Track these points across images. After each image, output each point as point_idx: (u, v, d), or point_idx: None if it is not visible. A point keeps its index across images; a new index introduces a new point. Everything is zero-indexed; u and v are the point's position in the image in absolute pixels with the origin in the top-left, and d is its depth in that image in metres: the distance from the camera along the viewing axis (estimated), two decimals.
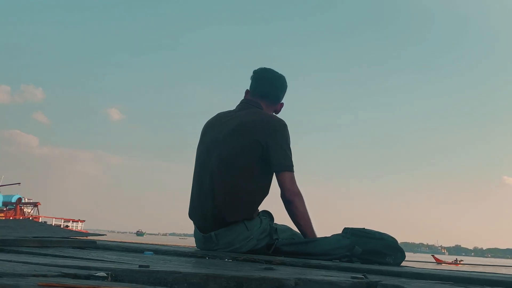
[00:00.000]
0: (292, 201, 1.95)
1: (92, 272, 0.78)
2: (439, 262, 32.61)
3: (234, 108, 2.13)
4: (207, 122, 2.13)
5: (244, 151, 1.92)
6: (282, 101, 2.19)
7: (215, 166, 1.94)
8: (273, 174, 1.98)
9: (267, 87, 2.15)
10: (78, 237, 2.03)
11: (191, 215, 2.04)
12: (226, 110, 2.14)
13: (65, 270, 0.78)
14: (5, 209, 34.02)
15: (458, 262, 33.85)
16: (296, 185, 1.96)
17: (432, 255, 41.50)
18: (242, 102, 2.14)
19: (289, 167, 1.96)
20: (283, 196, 1.95)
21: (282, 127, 1.99)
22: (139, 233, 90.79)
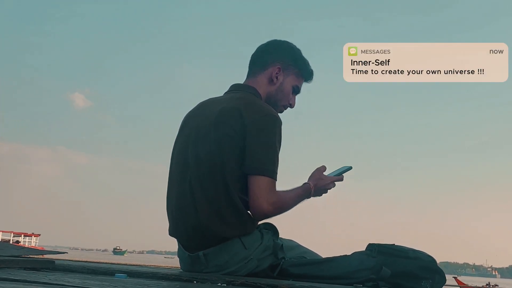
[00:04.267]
0: (268, 216, 1.89)
1: None
2: (462, 286, 32.00)
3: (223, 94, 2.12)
4: (188, 113, 2.10)
5: (223, 147, 1.86)
6: (277, 65, 2.10)
7: (193, 168, 1.91)
8: None
9: (254, 55, 2.16)
10: (31, 256, 2.03)
11: (172, 231, 2.01)
12: (214, 97, 2.11)
13: None
14: None
15: (492, 286, 33.09)
16: (276, 195, 1.87)
17: (454, 277, 39.19)
18: (231, 86, 2.13)
19: (268, 171, 1.85)
20: (255, 208, 1.86)
21: (268, 120, 1.89)
22: (117, 251, 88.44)
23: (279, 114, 2.06)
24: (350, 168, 2.11)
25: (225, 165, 1.86)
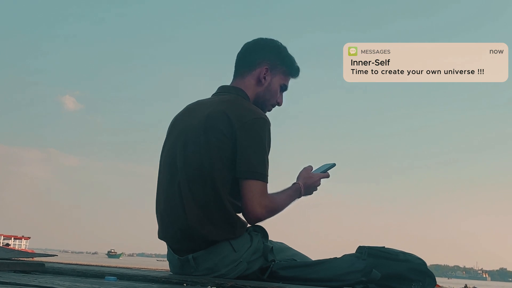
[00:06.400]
0: (261, 219, 1.91)
1: None
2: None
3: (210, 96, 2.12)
4: (175, 116, 2.10)
5: (212, 151, 1.87)
6: (265, 65, 2.09)
7: (182, 171, 1.91)
8: None
9: (240, 54, 2.15)
10: (21, 259, 2.02)
11: (161, 234, 2.00)
12: (202, 99, 2.11)
13: None
14: None
15: None
16: (268, 199, 1.88)
17: None
18: (218, 88, 2.13)
19: (260, 175, 1.87)
20: (248, 212, 1.88)
21: (258, 123, 1.90)
22: (112, 254, 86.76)
23: (267, 112, 2.11)
24: (334, 165, 2.14)
25: (214, 168, 1.87)
